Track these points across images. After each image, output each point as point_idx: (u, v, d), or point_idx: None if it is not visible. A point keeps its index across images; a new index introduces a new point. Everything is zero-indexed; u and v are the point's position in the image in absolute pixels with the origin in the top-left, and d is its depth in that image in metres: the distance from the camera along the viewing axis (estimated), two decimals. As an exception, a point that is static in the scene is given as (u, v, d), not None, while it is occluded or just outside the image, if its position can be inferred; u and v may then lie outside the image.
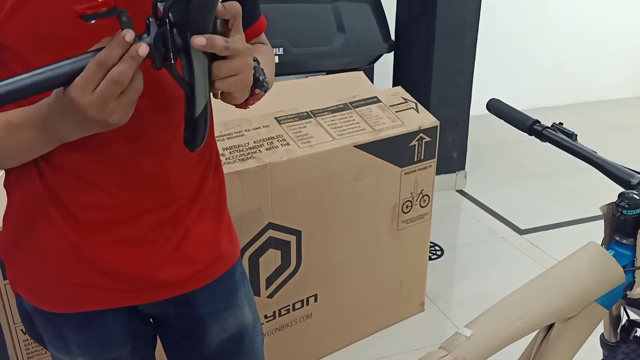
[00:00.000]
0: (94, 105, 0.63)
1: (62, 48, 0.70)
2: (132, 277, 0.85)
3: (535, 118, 1.15)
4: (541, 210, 3.07)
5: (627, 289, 0.98)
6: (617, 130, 4.31)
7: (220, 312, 0.95)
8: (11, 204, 0.85)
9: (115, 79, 0.62)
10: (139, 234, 0.84)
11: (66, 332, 0.87)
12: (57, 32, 0.70)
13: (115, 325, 0.88)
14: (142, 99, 0.71)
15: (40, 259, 0.83)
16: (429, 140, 2.00)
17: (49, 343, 0.90)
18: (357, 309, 2.04)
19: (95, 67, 0.62)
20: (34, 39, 0.70)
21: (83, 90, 0.62)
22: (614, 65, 4.85)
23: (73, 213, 0.81)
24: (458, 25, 2.98)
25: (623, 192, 0.96)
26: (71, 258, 0.82)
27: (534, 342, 0.99)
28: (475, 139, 3.60)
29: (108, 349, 0.89)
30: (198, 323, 0.94)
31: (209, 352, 0.96)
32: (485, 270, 2.54)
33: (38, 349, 1.41)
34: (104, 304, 0.86)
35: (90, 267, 0.83)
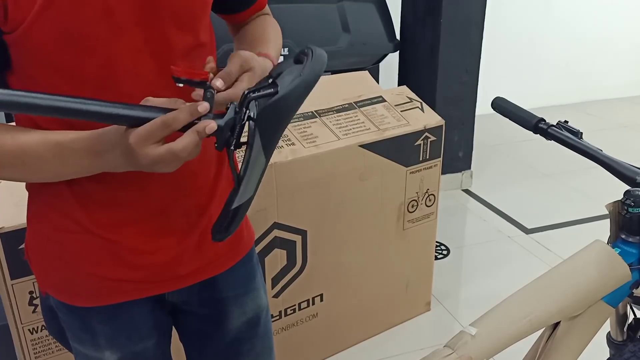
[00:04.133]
0: (148, 158, 0.66)
1: (89, 46, 0.72)
2: (161, 266, 0.87)
3: (540, 116, 1.15)
4: (547, 210, 3.06)
5: (633, 287, 0.97)
6: (624, 128, 4.28)
7: (240, 296, 0.98)
8: (36, 204, 0.86)
9: (176, 153, 0.65)
10: (167, 224, 0.86)
11: (95, 326, 0.88)
12: (85, 29, 0.71)
13: (141, 317, 0.90)
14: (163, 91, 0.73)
15: (69, 255, 0.85)
16: (434, 139, 2.00)
17: (74, 339, 0.91)
18: (363, 309, 2.04)
19: (161, 125, 0.65)
20: (62, 38, 0.71)
21: (144, 142, 0.65)
22: (621, 63, 4.82)
23: (101, 210, 0.82)
24: (464, 24, 2.98)
25: (629, 190, 0.96)
26: (101, 253, 0.84)
27: (539, 341, 0.99)
28: (482, 138, 3.59)
29: (134, 341, 0.91)
30: (220, 307, 0.97)
31: (229, 336, 0.99)
32: (492, 269, 2.53)
33: (45, 349, 1.42)
34: (133, 294, 0.88)
35: (120, 260, 0.85)
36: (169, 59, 0.77)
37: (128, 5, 0.73)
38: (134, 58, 0.76)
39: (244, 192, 0.69)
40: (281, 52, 0.96)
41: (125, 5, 0.73)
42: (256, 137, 0.67)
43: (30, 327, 1.38)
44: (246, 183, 0.69)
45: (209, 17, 0.86)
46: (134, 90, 0.76)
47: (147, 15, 0.75)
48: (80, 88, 0.73)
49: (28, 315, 1.36)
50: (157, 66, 0.78)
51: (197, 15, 0.82)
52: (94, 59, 0.73)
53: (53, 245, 0.85)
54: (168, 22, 0.77)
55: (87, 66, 0.73)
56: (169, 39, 0.78)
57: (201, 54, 0.82)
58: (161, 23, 0.76)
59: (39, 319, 1.38)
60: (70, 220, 0.83)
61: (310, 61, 0.70)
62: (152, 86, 0.77)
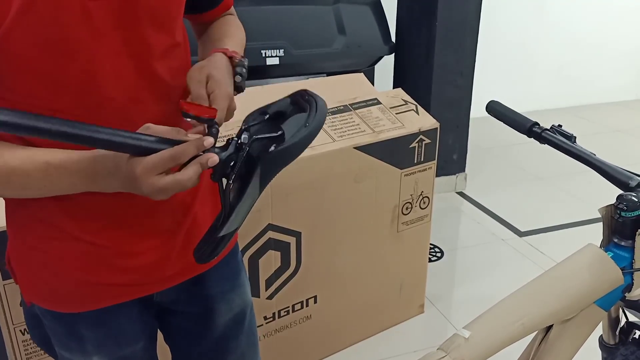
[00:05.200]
0: (153, 187, 0.68)
1: (69, 51, 0.71)
2: (148, 267, 0.87)
3: (534, 120, 1.15)
4: (541, 213, 3.07)
5: (625, 291, 0.98)
6: (618, 133, 4.31)
7: (227, 293, 0.99)
8: (16, 215, 0.85)
9: (183, 184, 0.68)
10: (153, 226, 0.86)
11: (82, 332, 0.87)
12: (64, 34, 0.71)
13: (128, 322, 0.90)
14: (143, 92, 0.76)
15: (54, 263, 0.84)
16: (429, 142, 2.01)
17: (60, 346, 0.90)
18: (357, 311, 2.04)
19: (169, 158, 0.67)
20: (42, 43, 0.70)
21: (150, 172, 0.67)
22: (615, 68, 4.85)
23: (85, 215, 0.82)
24: (458, 27, 2.99)
25: (621, 194, 0.96)
26: (87, 258, 0.84)
27: (532, 344, 0.99)
28: (476, 141, 3.60)
29: (122, 346, 0.91)
30: (208, 304, 0.97)
31: (216, 333, 0.99)
32: (485, 272, 2.54)
33: (37, 350, 1.41)
34: (121, 297, 0.88)
35: (107, 264, 0.84)
36: (147, 60, 0.78)
37: (106, 8, 0.73)
38: (114, 61, 0.76)
39: (232, 222, 0.71)
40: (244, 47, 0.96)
41: (104, 8, 0.73)
42: (255, 176, 0.71)
43: (22, 328, 1.37)
44: (236, 214, 0.71)
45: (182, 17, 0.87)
46: (115, 92, 0.76)
47: (126, 17, 0.75)
48: (59, 93, 0.73)
49: (19, 316, 1.36)
50: (136, 68, 0.78)
51: (173, 15, 0.82)
52: (74, 63, 0.73)
53: (37, 255, 0.84)
54: (146, 23, 0.77)
55: (68, 71, 0.73)
56: (147, 40, 0.78)
57: (177, 54, 0.84)
58: (139, 24, 0.77)
59: (30, 320, 1.37)
60: (55, 228, 0.82)
61: (315, 113, 0.74)
62: (132, 88, 0.78)
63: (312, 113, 0.75)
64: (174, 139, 0.69)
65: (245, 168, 0.71)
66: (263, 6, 2.70)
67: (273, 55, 2.68)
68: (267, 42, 2.66)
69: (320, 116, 0.74)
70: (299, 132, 0.73)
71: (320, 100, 0.76)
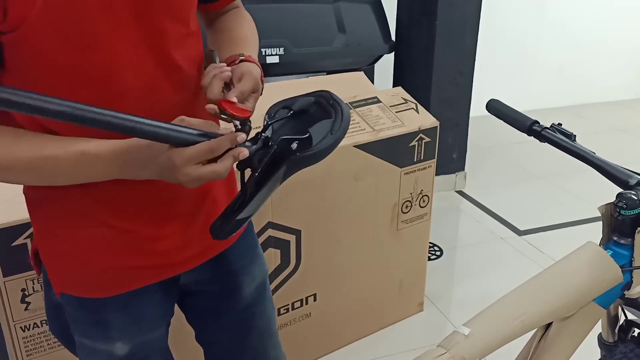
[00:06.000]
0: (189, 176, 0.72)
1: (91, 43, 0.74)
2: (174, 249, 0.91)
3: (534, 119, 1.15)
4: (540, 211, 3.08)
5: (624, 289, 0.98)
6: (618, 132, 4.31)
7: (248, 265, 1.04)
8: (44, 207, 0.87)
9: (219, 174, 0.73)
10: (175, 210, 0.90)
11: (108, 317, 0.90)
12: (86, 26, 0.73)
13: (151, 307, 0.94)
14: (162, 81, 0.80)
15: (84, 251, 0.87)
16: (428, 140, 2.01)
17: (83, 334, 0.92)
18: (357, 309, 2.04)
19: (208, 150, 0.72)
20: (64, 36, 0.72)
21: (189, 162, 0.71)
22: (615, 67, 4.85)
23: (113, 203, 0.84)
24: (459, 26, 2.99)
25: (621, 192, 0.96)
26: (116, 244, 0.87)
27: (531, 341, 0.99)
28: (475, 140, 3.60)
29: (144, 332, 0.94)
30: (232, 279, 1.02)
31: (242, 304, 1.05)
32: (485, 270, 2.54)
33: (37, 346, 1.41)
34: (148, 279, 0.91)
35: (135, 248, 0.88)
36: (165, 50, 0.81)
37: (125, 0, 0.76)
38: (133, 51, 0.78)
39: (249, 209, 0.76)
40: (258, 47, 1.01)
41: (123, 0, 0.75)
42: (278, 172, 0.76)
43: (22, 325, 1.37)
44: (254, 203, 0.76)
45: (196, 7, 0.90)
46: (135, 82, 0.79)
47: (144, 9, 0.77)
48: (81, 85, 0.74)
49: (20, 313, 1.36)
50: (155, 57, 0.80)
51: (188, 6, 0.85)
52: (96, 55, 0.75)
53: (67, 244, 0.87)
54: (163, 14, 0.80)
55: (90, 62, 0.75)
56: (165, 30, 0.80)
57: (192, 43, 0.87)
58: (157, 15, 0.79)
59: (30, 317, 1.37)
60: (84, 216, 0.85)
61: (341, 121, 0.79)
62: (151, 77, 0.80)
63: (337, 120, 0.79)
64: (209, 132, 0.73)
65: (269, 164, 0.76)
66: (263, 4, 2.70)
67: (273, 53, 2.69)
68: (267, 41, 2.66)
69: (345, 124, 0.79)
70: (325, 139, 0.78)
71: (346, 108, 0.81)
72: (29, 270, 1.34)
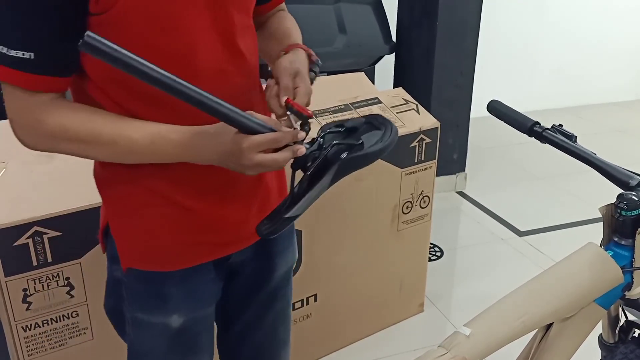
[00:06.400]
0: (252, 162, 0.79)
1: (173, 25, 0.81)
2: (232, 229, 0.98)
3: (535, 120, 1.16)
4: (541, 212, 3.08)
5: (625, 290, 0.98)
6: (618, 133, 4.31)
7: (284, 250, 1.12)
8: (119, 185, 0.92)
9: (278, 163, 0.81)
10: (235, 191, 0.96)
11: (169, 290, 0.96)
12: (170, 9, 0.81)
13: (205, 284, 1.00)
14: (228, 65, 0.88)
15: (153, 227, 0.93)
16: (429, 141, 2.01)
17: (139, 309, 0.97)
18: (357, 309, 2.04)
19: (272, 140, 0.79)
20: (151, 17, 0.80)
21: (254, 148, 0.79)
22: (615, 68, 4.85)
23: (182, 183, 0.91)
24: (459, 27, 2.99)
25: (622, 193, 0.97)
26: (182, 221, 0.93)
27: (532, 342, 0.99)
28: (476, 141, 3.60)
29: (198, 307, 1.00)
30: (270, 259, 1.09)
31: (272, 285, 1.12)
32: (485, 271, 2.54)
33: (38, 346, 1.41)
34: (209, 256, 0.98)
35: (199, 226, 0.94)
36: (231, 36, 0.90)
37: None
38: (206, 35, 0.86)
39: (299, 208, 0.83)
40: None
41: None
42: (329, 173, 0.83)
43: (24, 325, 1.37)
44: (303, 202, 0.82)
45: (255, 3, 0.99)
46: (207, 64, 0.86)
47: None
48: (164, 64, 0.78)
49: (21, 313, 1.36)
50: (223, 42, 0.88)
51: None
52: (177, 36, 0.82)
53: (137, 220, 0.93)
54: (232, 4, 0.89)
55: (172, 43, 0.82)
56: (232, 19, 0.89)
57: (250, 33, 0.96)
58: (227, 5, 0.88)
59: (32, 317, 1.38)
60: (155, 194, 0.91)
61: (390, 133, 0.88)
62: (220, 61, 0.88)
63: (387, 132, 0.89)
64: (273, 127, 0.80)
65: (321, 165, 0.83)
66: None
67: (274, 54, 2.68)
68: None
69: (394, 136, 0.88)
70: (375, 145, 0.86)
71: (394, 126, 0.90)
72: (30, 270, 1.34)
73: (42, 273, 1.35)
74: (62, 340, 1.43)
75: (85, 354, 1.47)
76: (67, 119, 0.81)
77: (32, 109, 0.80)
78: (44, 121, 0.81)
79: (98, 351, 1.49)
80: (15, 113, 0.81)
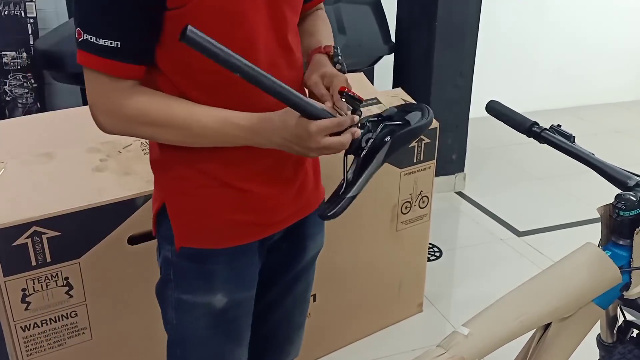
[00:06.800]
0: (317, 143, 0.86)
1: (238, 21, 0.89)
2: (275, 210, 1.04)
3: (534, 120, 1.16)
4: (540, 213, 3.08)
5: (623, 290, 0.98)
6: (617, 133, 4.32)
7: (315, 234, 1.18)
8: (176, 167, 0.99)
9: (344, 143, 0.88)
10: (279, 174, 1.03)
11: (216, 267, 1.02)
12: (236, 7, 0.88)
13: (249, 266, 1.06)
14: (280, 59, 0.96)
15: (206, 207, 0.99)
16: (428, 141, 2.01)
17: (185, 289, 1.03)
18: (356, 309, 2.04)
19: (337, 123, 0.87)
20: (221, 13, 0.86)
21: (321, 132, 0.86)
22: (615, 68, 4.85)
23: (233, 165, 0.97)
24: (458, 27, 2.99)
25: (620, 193, 0.97)
26: (233, 201, 0.99)
27: (530, 342, 1.00)
28: (475, 141, 3.61)
29: (240, 288, 1.05)
30: (302, 242, 1.16)
31: (299, 266, 1.18)
32: (484, 271, 2.54)
33: (37, 346, 1.41)
34: (256, 235, 1.04)
35: (248, 206, 1.00)
36: (283, 33, 0.97)
37: None
38: (263, 31, 0.93)
39: (359, 186, 0.92)
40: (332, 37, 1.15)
41: None
42: (381, 153, 0.92)
43: (23, 325, 1.37)
44: (363, 180, 0.92)
45: None
46: (263, 57, 0.93)
47: None
48: None
49: (20, 313, 1.36)
50: (276, 38, 0.96)
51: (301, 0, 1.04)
52: (241, 31, 0.90)
53: (192, 200, 0.99)
54: (286, 4, 0.96)
55: (236, 36, 0.89)
56: (285, 17, 0.97)
57: (296, 30, 1.03)
58: (282, 4, 0.96)
59: (31, 317, 1.38)
60: (208, 176, 0.98)
61: (428, 112, 0.99)
62: (274, 54, 0.96)
63: (425, 110, 0.99)
64: (331, 112, 0.88)
65: (374, 145, 0.92)
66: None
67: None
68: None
69: (432, 113, 0.99)
70: (420, 121, 0.97)
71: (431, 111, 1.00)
72: (29, 270, 1.34)
73: (41, 273, 1.35)
74: (61, 340, 1.43)
75: (84, 354, 1.47)
76: (146, 104, 0.89)
77: (115, 94, 0.88)
78: (125, 105, 0.88)
79: (97, 351, 1.49)
80: (99, 98, 0.89)
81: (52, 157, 1.45)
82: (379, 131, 0.94)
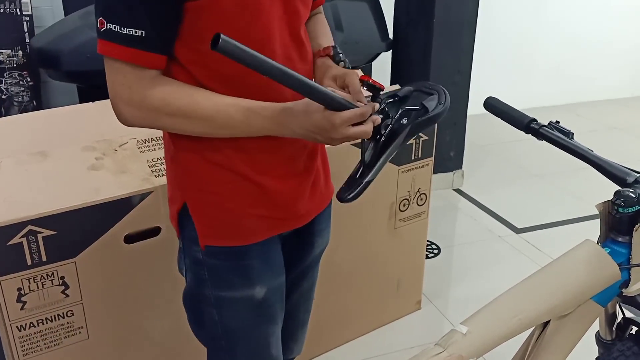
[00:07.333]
0: (341, 134, 0.87)
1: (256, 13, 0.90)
2: (294, 203, 1.05)
3: (532, 117, 1.15)
4: (538, 210, 3.08)
5: (622, 287, 0.98)
6: (615, 130, 4.32)
7: (323, 230, 1.19)
8: (194, 165, 0.99)
9: (368, 132, 0.90)
10: (294, 168, 1.04)
11: (250, 262, 1.03)
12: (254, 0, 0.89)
13: (278, 255, 1.08)
14: (293, 52, 0.98)
15: (229, 203, 0.99)
16: (426, 139, 2.01)
17: (223, 286, 1.03)
18: (354, 307, 2.04)
19: (360, 114, 0.88)
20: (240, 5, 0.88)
21: (345, 122, 0.87)
22: (612, 65, 4.86)
23: (252, 158, 0.98)
24: (456, 25, 2.99)
25: (619, 190, 0.96)
26: (255, 196, 1.00)
27: (529, 339, 0.99)
28: (473, 139, 3.61)
29: (274, 276, 1.07)
30: (311, 238, 1.17)
31: (306, 262, 1.19)
32: (482, 269, 2.54)
33: (33, 346, 1.41)
34: (281, 228, 1.06)
35: (269, 200, 1.01)
36: (296, 27, 0.99)
37: None
38: (278, 24, 0.95)
39: (376, 170, 0.95)
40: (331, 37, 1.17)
41: None
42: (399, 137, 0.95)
43: (18, 324, 1.37)
44: (380, 165, 0.94)
45: None
46: (279, 50, 0.95)
47: None
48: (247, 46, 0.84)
49: (16, 312, 1.35)
50: (289, 32, 0.98)
51: None
52: (259, 22, 0.91)
53: (214, 198, 0.99)
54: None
55: (254, 27, 0.90)
56: (299, 11, 0.99)
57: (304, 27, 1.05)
58: None
59: (27, 316, 1.37)
60: (229, 171, 0.98)
61: (445, 96, 1.00)
62: (288, 47, 0.97)
63: (442, 95, 1.00)
64: (352, 103, 0.89)
65: (393, 132, 0.95)
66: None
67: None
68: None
69: (449, 98, 1.00)
70: (437, 108, 0.98)
71: (448, 95, 1.01)
72: (25, 270, 1.33)
73: (37, 272, 1.35)
74: (57, 339, 1.42)
75: (81, 353, 1.46)
76: (170, 94, 0.89)
77: (139, 84, 0.88)
78: (149, 96, 0.88)
79: (93, 350, 1.48)
80: (122, 89, 0.88)
81: (48, 155, 1.44)
82: (397, 117, 0.96)
